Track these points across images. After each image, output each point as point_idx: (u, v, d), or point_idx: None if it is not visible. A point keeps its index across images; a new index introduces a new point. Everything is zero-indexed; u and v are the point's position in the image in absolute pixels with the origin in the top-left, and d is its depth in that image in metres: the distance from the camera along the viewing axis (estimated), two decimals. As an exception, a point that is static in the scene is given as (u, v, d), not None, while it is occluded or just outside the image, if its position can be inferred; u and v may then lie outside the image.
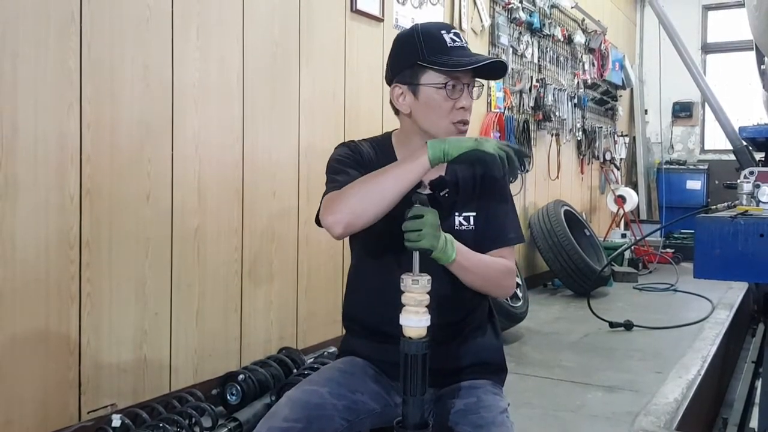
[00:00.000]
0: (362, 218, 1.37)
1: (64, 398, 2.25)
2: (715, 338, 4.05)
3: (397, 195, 1.38)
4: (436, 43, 1.51)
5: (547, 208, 5.45)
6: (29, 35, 2.11)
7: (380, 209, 1.37)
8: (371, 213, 1.37)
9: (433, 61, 1.50)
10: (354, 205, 1.38)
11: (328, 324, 3.43)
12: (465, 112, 1.53)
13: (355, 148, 1.61)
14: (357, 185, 1.41)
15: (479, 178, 1.62)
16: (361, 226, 1.39)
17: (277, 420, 1.40)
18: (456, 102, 1.52)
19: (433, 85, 1.52)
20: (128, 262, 2.44)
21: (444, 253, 1.40)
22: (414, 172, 1.39)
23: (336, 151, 1.61)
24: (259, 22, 2.98)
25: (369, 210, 1.37)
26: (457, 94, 1.52)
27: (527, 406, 2.89)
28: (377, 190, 1.38)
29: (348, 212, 1.37)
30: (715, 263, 2.12)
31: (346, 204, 1.38)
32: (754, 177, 2.45)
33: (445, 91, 1.51)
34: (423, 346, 1.34)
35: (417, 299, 1.34)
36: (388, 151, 1.63)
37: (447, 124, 1.53)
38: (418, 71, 1.53)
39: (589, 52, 6.88)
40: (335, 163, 1.57)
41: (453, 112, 1.52)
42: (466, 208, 1.60)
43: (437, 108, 1.52)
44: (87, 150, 2.28)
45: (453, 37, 1.52)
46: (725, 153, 7.71)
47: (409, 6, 4.03)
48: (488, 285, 1.56)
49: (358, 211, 1.37)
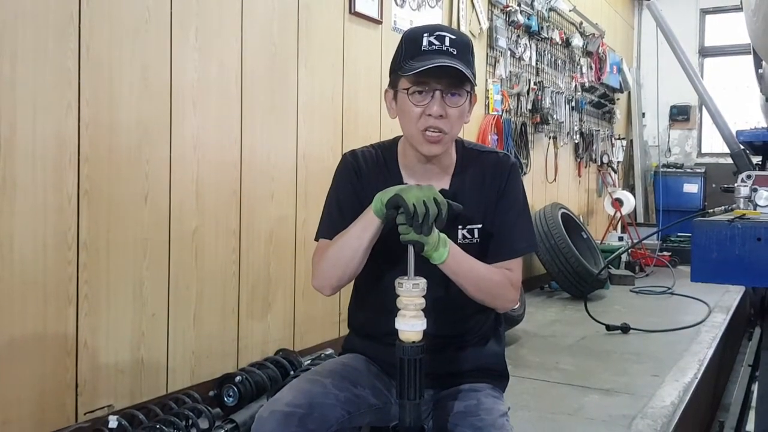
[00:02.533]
0: (343, 278, 1.52)
1: (61, 399, 2.24)
2: (711, 342, 4.05)
3: (364, 251, 1.47)
4: (412, 47, 1.49)
5: (545, 211, 5.46)
6: (28, 36, 2.10)
7: (355, 264, 1.49)
8: (349, 272, 1.51)
9: (402, 65, 1.48)
10: (331, 272, 1.52)
11: (325, 326, 3.43)
12: (435, 119, 1.47)
13: (353, 164, 1.62)
14: (330, 252, 1.51)
15: (487, 189, 1.59)
16: (346, 282, 1.54)
17: (279, 404, 1.42)
18: (425, 108, 1.48)
19: (403, 91, 1.50)
20: (126, 264, 2.44)
21: (435, 250, 1.40)
22: (368, 229, 1.46)
23: (336, 170, 1.64)
24: (257, 23, 2.98)
25: (346, 270, 1.50)
26: (425, 99, 1.48)
27: (524, 409, 2.89)
28: (346, 253, 1.48)
29: (329, 278, 1.53)
30: (712, 267, 2.12)
31: (325, 273, 1.53)
32: (751, 181, 2.45)
33: (413, 96, 1.48)
34: (418, 351, 1.34)
35: (413, 303, 1.34)
36: (392, 157, 1.63)
37: (416, 131, 1.50)
38: (397, 76, 1.52)
39: (586, 55, 6.90)
40: (331, 191, 1.64)
41: (422, 119, 1.49)
42: (470, 221, 1.57)
43: (408, 114, 1.50)
44: (85, 151, 2.27)
45: (432, 40, 1.47)
46: (722, 156, 7.74)
47: (408, 8, 4.04)
48: (482, 294, 1.52)
49: (338, 275, 1.51)
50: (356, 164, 1.61)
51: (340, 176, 1.63)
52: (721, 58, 8.62)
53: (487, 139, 4.87)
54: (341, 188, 1.61)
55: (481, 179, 1.59)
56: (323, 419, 1.43)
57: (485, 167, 1.61)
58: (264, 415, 1.41)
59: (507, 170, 1.61)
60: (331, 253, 1.51)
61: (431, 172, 1.58)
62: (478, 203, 1.58)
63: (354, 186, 1.59)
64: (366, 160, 1.62)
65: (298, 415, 1.40)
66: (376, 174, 1.60)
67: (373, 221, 1.44)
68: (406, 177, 1.60)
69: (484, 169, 1.61)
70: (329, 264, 1.51)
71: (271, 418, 1.40)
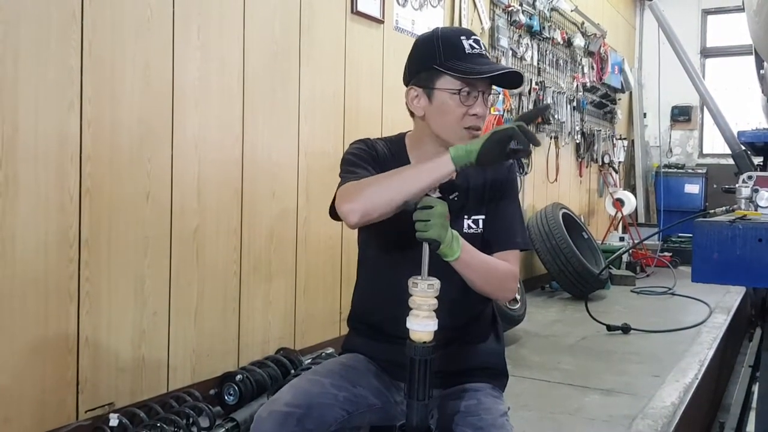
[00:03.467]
0: (379, 209, 1.39)
1: (62, 397, 2.24)
2: (712, 342, 4.05)
3: (415, 191, 1.38)
4: (454, 49, 1.52)
5: (546, 211, 5.45)
6: (30, 34, 2.11)
7: (397, 202, 1.38)
8: (388, 205, 1.38)
9: (450, 66, 1.51)
10: (372, 195, 1.39)
11: (326, 325, 3.43)
12: (478, 119, 1.54)
13: (372, 145, 1.63)
14: (377, 178, 1.44)
15: (490, 181, 1.63)
16: (377, 217, 1.40)
17: (278, 405, 1.42)
18: (470, 108, 1.53)
19: (448, 90, 1.53)
20: (127, 262, 2.44)
21: (450, 248, 1.40)
22: (435, 171, 1.39)
23: (352, 146, 1.63)
24: (259, 22, 2.98)
25: (386, 202, 1.38)
26: (471, 100, 1.53)
27: (524, 408, 2.89)
28: (397, 185, 1.39)
29: (366, 201, 1.39)
30: (713, 267, 2.12)
31: (364, 194, 1.40)
32: (752, 181, 2.44)
33: (459, 96, 1.52)
34: (429, 351, 1.34)
35: (426, 303, 1.35)
36: (401, 151, 1.65)
37: (459, 129, 1.54)
38: (434, 75, 1.54)
39: (588, 56, 6.89)
40: (352, 157, 1.58)
41: (465, 118, 1.54)
42: (475, 212, 1.61)
43: (450, 113, 1.53)
44: (87, 149, 2.27)
45: (472, 44, 1.53)
46: (724, 157, 7.72)
47: (410, 8, 4.03)
48: (490, 287, 1.55)
49: (376, 201, 1.39)
50: (373, 146, 1.63)
51: (358, 149, 1.61)
52: (722, 59, 8.61)
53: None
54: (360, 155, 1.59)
55: (483, 171, 1.63)
56: (322, 419, 1.44)
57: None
58: (263, 415, 1.42)
59: (506, 166, 1.66)
60: (376, 180, 1.43)
61: None
62: (482, 194, 1.62)
63: (373, 158, 1.59)
64: (379, 148, 1.64)
65: (297, 415, 1.40)
66: (385, 161, 1.60)
67: (446, 165, 1.39)
68: None
69: None
70: (372, 187, 1.41)
71: (269, 419, 1.40)
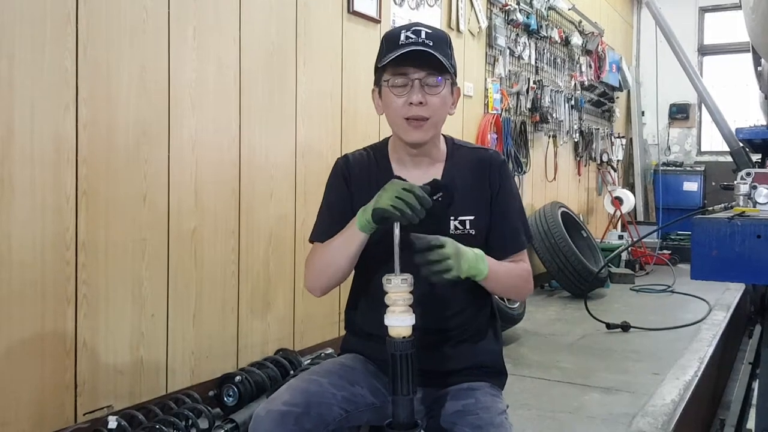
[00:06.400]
0: (331, 283, 1.59)
1: (61, 400, 2.24)
2: (712, 340, 4.05)
3: (348, 260, 1.54)
4: (391, 43, 1.54)
5: (544, 210, 5.45)
6: (25, 36, 2.10)
7: (341, 272, 1.57)
8: (336, 278, 1.58)
9: (383, 58, 1.54)
10: (319, 276, 1.60)
11: (324, 326, 3.43)
12: (417, 107, 1.53)
13: (343, 169, 1.67)
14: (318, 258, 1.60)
15: (479, 182, 1.62)
16: (335, 285, 1.60)
17: (276, 404, 1.43)
18: (407, 97, 1.53)
19: (385, 83, 1.56)
20: (125, 264, 2.43)
21: (477, 269, 1.44)
22: (352, 242, 1.51)
23: (329, 176, 1.70)
24: (255, 23, 2.98)
25: (333, 277, 1.58)
26: (406, 90, 1.53)
27: (524, 407, 2.89)
28: (332, 262, 1.56)
29: (318, 282, 1.60)
30: (712, 264, 2.12)
31: (314, 277, 1.61)
32: (750, 178, 2.44)
33: (394, 87, 1.54)
34: (409, 345, 1.34)
35: (402, 298, 1.36)
36: (383, 158, 1.67)
37: (400, 120, 1.56)
38: (379, 72, 1.58)
39: (586, 54, 6.89)
40: (326, 191, 1.69)
41: (404, 108, 1.54)
42: (462, 212, 1.60)
43: (391, 105, 1.56)
44: (83, 151, 2.27)
45: (408, 35, 1.53)
46: (722, 154, 7.74)
47: (407, 7, 4.03)
48: (512, 292, 1.62)
49: (326, 280, 1.59)
50: (346, 170, 1.66)
51: (330, 183, 1.69)
52: (720, 56, 8.62)
53: (486, 137, 4.86)
54: (331, 194, 1.68)
55: (472, 172, 1.63)
56: (320, 418, 1.43)
57: (475, 161, 1.66)
58: (261, 415, 1.42)
59: (498, 166, 1.65)
60: (318, 260, 1.60)
61: (422, 162, 1.63)
62: (470, 194, 1.61)
63: (342, 192, 1.65)
64: (357, 164, 1.67)
65: (295, 414, 1.40)
66: (366, 175, 1.64)
67: (357, 236, 1.50)
68: (397, 169, 1.64)
69: (474, 163, 1.65)
70: (317, 269, 1.60)
71: (267, 418, 1.40)
